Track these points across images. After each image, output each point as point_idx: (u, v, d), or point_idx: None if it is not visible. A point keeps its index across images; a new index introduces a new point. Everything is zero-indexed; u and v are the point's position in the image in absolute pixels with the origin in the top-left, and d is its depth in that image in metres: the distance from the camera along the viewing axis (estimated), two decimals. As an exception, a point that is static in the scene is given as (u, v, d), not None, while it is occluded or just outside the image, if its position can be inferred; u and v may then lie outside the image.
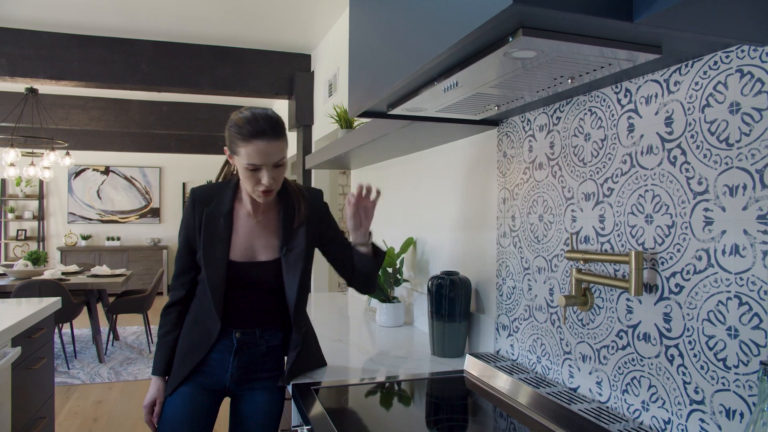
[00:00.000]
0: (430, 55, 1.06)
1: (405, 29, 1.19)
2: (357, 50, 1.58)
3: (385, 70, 1.33)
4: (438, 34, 1.02)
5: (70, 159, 6.12)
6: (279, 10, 3.99)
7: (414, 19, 1.14)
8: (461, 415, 1.51)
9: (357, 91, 1.59)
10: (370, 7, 1.45)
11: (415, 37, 1.13)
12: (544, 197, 1.57)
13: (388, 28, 1.30)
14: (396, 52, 1.25)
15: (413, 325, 2.51)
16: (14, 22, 4.25)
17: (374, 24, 1.42)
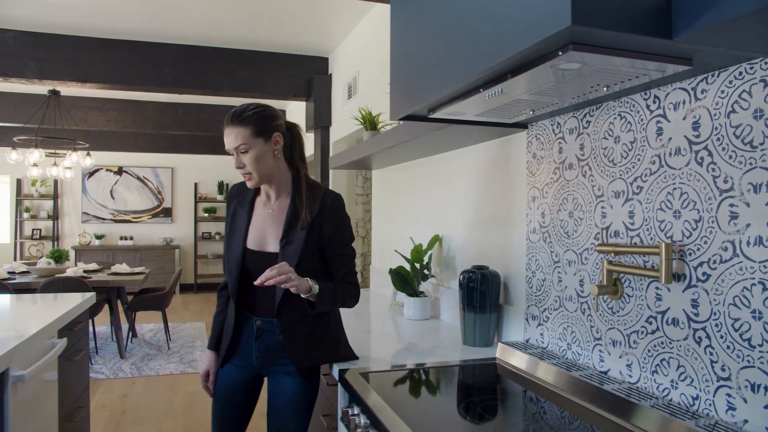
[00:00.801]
0: (483, 67, 1.18)
1: (455, 42, 1.31)
2: (399, 59, 1.70)
3: (431, 78, 1.45)
4: (492, 48, 1.14)
5: (90, 159, 6.26)
6: (298, 14, 4.12)
7: (466, 32, 1.26)
8: (498, 396, 1.63)
9: (399, 96, 1.71)
10: (414, 20, 1.57)
11: (467, 49, 1.25)
12: (574, 195, 1.69)
13: (436, 40, 1.42)
14: (444, 62, 1.37)
15: (439, 318, 2.63)
16: (42, 26, 4.39)
17: (419, 35, 1.54)
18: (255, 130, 1.74)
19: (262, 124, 1.76)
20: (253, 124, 1.75)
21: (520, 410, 1.53)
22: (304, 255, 1.76)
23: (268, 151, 1.77)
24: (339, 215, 1.84)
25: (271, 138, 1.78)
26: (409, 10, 1.62)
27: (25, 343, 2.05)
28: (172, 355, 5.78)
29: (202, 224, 10.73)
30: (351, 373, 1.72)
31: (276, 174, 1.83)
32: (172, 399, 4.38)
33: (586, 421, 1.37)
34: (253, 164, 1.75)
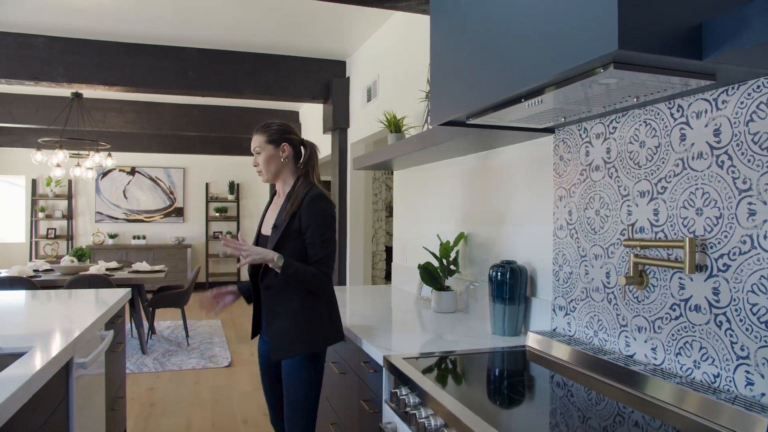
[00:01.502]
0: (530, 83, 1.33)
1: (501, 57, 1.46)
2: (440, 69, 1.85)
3: (474, 89, 1.61)
4: (539, 65, 1.29)
5: (111, 160, 6.42)
6: (318, 21, 4.27)
7: (512, 49, 1.41)
8: (531, 379, 1.78)
9: (439, 103, 1.86)
10: (456, 34, 1.72)
11: (513, 64, 1.40)
12: (600, 195, 1.84)
13: (480, 54, 1.57)
14: (489, 74, 1.52)
15: (465, 311, 2.78)
16: (71, 32, 4.55)
17: (461, 48, 1.69)
18: (268, 139, 2.26)
19: (274, 134, 2.27)
20: (268, 134, 2.26)
21: (552, 390, 1.68)
22: (283, 238, 2.15)
23: (276, 156, 2.26)
24: (315, 210, 2.17)
25: (279, 146, 2.26)
26: (451, 25, 1.77)
27: (84, 333, 2.21)
28: (192, 351, 5.94)
29: (213, 224, 10.90)
30: (395, 359, 1.87)
31: (282, 175, 2.30)
32: (198, 392, 4.53)
33: (613, 399, 1.52)
34: (263, 164, 2.26)
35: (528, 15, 1.35)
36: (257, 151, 2.26)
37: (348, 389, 2.49)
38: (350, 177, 5.18)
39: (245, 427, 3.79)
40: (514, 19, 1.42)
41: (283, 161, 2.27)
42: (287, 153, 2.27)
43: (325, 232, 2.18)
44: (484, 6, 1.56)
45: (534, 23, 1.33)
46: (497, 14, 1.49)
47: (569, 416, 1.44)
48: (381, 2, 2.79)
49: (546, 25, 1.28)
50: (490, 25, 1.53)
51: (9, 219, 10.05)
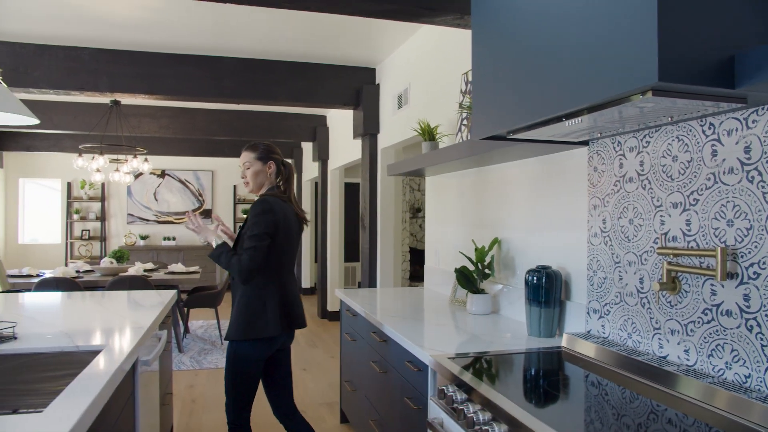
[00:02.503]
0: (573, 106, 1.45)
1: (545, 80, 1.58)
2: (482, 86, 1.98)
3: (518, 108, 1.73)
4: (583, 91, 1.41)
5: (148, 164, 6.63)
6: (349, 30, 4.42)
7: (556, 74, 1.53)
8: (569, 377, 1.90)
9: (481, 119, 1.99)
10: (501, 56, 1.84)
11: (557, 88, 1.52)
12: (634, 205, 1.95)
13: (524, 77, 1.70)
14: (533, 96, 1.64)
15: (499, 314, 2.90)
16: (115, 43, 4.75)
17: (505, 70, 1.81)
18: (257, 156, 2.72)
19: (263, 153, 2.73)
20: (257, 152, 2.73)
21: (586, 389, 1.80)
22: (239, 236, 2.66)
23: (263, 171, 2.73)
24: (251, 212, 2.59)
25: (266, 163, 2.73)
26: (493, 46, 1.90)
27: (146, 333, 2.37)
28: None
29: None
30: (441, 358, 2.00)
31: (263, 187, 2.75)
32: (235, 389, 4.70)
33: (647, 397, 1.63)
34: (251, 177, 2.73)
35: (572, 42, 1.47)
36: (246, 165, 2.72)
37: (389, 387, 2.62)
38: (380, 181, 5.31)
39: (284, 423, 3.94)
40: (558, 45, 1.54)
41: (268, 176, 2.74)
42: (272, 170, 2.75)
43: (254, 228, 2.55)
44: (528, 33, 1.68)
45: (578, 50, 1.45)
46: (541, 40, 1.61)
47: (604, 412, 1.56)
48: (418, 17, 2.92)
49: (589, 53, 1.40)
50: (534, 50, 1.65)
51: (46, 221, 10.37)
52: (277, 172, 2.77)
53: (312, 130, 8.01)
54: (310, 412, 4.16)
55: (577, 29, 1.46)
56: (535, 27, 1.65)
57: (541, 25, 1.62)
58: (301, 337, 6.79)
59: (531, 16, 1.67)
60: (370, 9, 2.79)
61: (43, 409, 1.40)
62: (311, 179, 9.85)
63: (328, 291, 7.95)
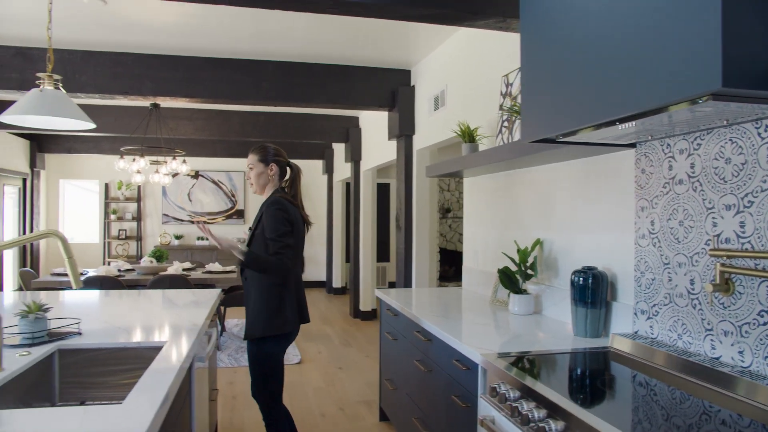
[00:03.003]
0: (631, 111, 1.48)
1: (601, 85, 1.61)
2: (531, 90, 2.01)
3: (571, 112, 1.76)
4: (641, 95, 1.44)
5: (186, 166, 6.78)
6: (386, 32, 4.47)
7: (614, 79, 1.56)
8: (619, 377, 1.92)
9: (531, 122, 2.02)
10: (553, 59, 1.88)
11: (614, 93, 1.55)
12: (684, 207, 1.97)
13: (577, 80, 1.73)
14: (587, 100, 1.67)
15: (542, 314, 2.92)
16: (158, 48, 4.88)
17: (556, 73, 1.85)
18: (260, 158, 2.87)
19: (265, 155, 2.87)
20: (261, 155, 2.87)
21: (638, 388, 1.82)
22: (253, 237, 2.79)
23: (264, 173, 2.87)
24: (268, 214, 2.72)
25: (268, 165, 2.87)
26: (544, 50, 1.93)
27: (201, 330, 2.45)
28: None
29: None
30: (491, 357, 2.04)
31: (267, 189, 2.89)
32: (274, 386, 4.79)
33: (699, 397, 1.65)
34: (254, 178, 2.88)
35: (629, 47, 1.50)
36: (250, 167, 2.88)
37: (434, 385, 2.67)
38: (416, 182, 5.36)
39: (324, 420, 4.02)
40: (614, 49, 1.57)
41: (270, 178, 2.88)
42: (274, 171, 2.88)
43: (277, 229, 2.69)
44: (582, 37, 1.71)
45: (636, 55, 1.48)
46: (596, 44, 1.64)
47: (658, 411, 1.58)
48: (461, 21, 2.96)
49: (648, 57, 1.43)
50: (588, 54, 1.68)
51: (85, 221, 10.64)
52: (281, 174, 2.92)
53: (344, 131, 8.09)
54: (349, 410, 4.22)
55: (635, 33, 1.48)
56: (589, 31, 1.68)
57: (596, 29, 1.64)
58: (334, 336, 6.87)
59: (585, 20, 1.70)
60: (413, 14, 2.84)
61: (121, 402, 1.48)
62: (342, 180, 9.94)
63: (361, 291, 8.02)
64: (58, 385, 2.12)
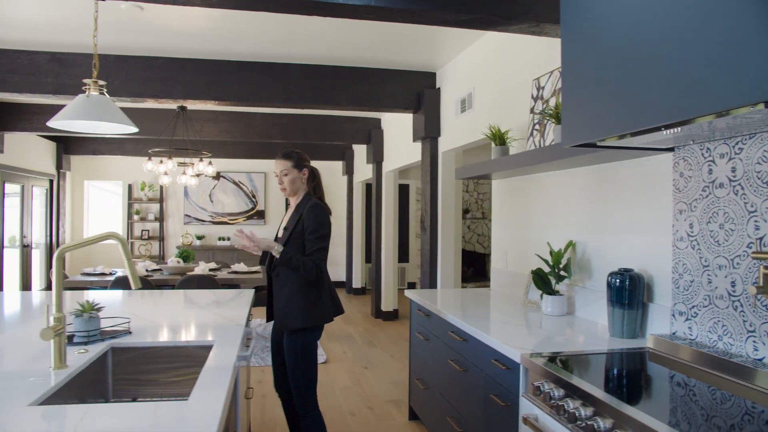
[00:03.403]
0: (678, 117, 1.52)
1: (648, 91, 1.65)
2: (573, 96, 2.05)
3: (616, 116, 1.80)
4: (691, 103, 1.48)
5: (212, 168, 6.88)
6: (412, 35, 4.52)
7: (661, 85, 1.60)
8: (660, 377, 1.96)
9: (572, 127, 2.06)
10: (594, 65, 1.92)
11: (662, 99, 1.59)
12: (725, 210, 2.00)
13: (623, 86, 1.77)
14: (633, 106, 1.71)
15: (574, 315, 2.96)
16: (187, 53, 4.97)
17: (599, 79, 1.89)
18: (294, 164, 2.96)
19: (298, 161, 2.96)
20: (294, 161, 2.96)
21: (680, 388, 1.85)
22: (291, 236, 2.86)
23: (298, 178, 2.97)
24: (311, 216, 2.84)
25: (301, 170, 2.98)
26: (586, 56, 1.97)
27: (244, 330, 2.52)
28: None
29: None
30: (534, 356, 2.08)
31: (299, 192, 3.00)
32: (302, 385, 4.86)
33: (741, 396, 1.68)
34: (289, 183, 2.97)
35: (679, 54, 1.54)
36: (285, 173, 2.95)
37: (470, 385, 2.71)
38: (441, 183, 5.40)
39: (353, 419, 4.08)
40: (662, 57, 1.61)
41: (303, 182, 2.99)
42: (306, 176, 3.01)
43: (318, 231, 2.83)
44: (628, 44, 1.75)
45: (687, 61, 1.52)
46: (643, 51, 1.68)
47: (694, 411, 1.62)
48: (494, 26, 3.00)
49: (700, 64, 1.47)
50: (638, 59, 1.72)
51: (108, 221, 10.80)
52: (307, 178, 3.05)
53: (366, 132, 8.15)
54: (378, 410, 4.28)
55: (686, 40, 1.52)
56: (638, 36, 1.72)
57: (647, 34, 1.68)
58: (357, 337, 6.94)
59: (634, 25, 1.73)
60: (450, 19, 2.89)
61: (187, 399, 1.54)
62: (362, 181, 10.00)
63: (383, 291, 8.08)
64: (111, 382, 2.20)
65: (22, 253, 8.52)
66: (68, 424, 1.35)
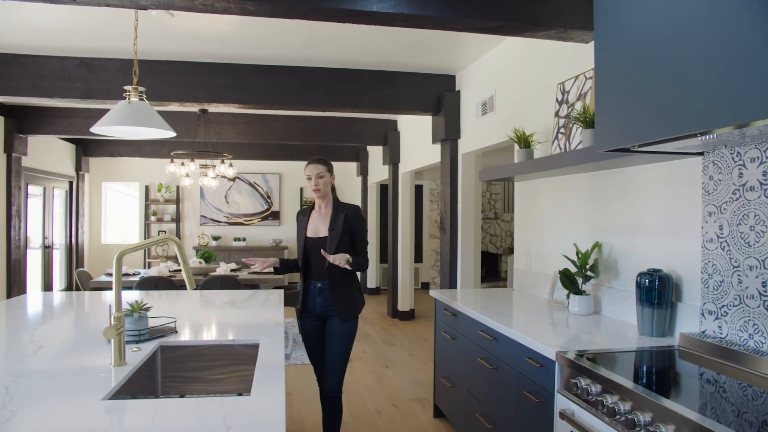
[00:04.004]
0: (718, 125, 1.59)
1: (688, 100, 1.72)
2: (606, 103, 2.12)
3: (652, 123, 1.87)
4: (732, 111, 1.55)
5: (233, 169, 6.98)
6: (433, 40, 4.58)
7: (701, 95, 1.67)
8: (693, 374, 2.02)
9: (605, 133, 2.13)
10: (629, 73, 1.99)
11: (702, 107, 1.66)
12: (755, 213, 2.06)
13: (662, 95, 1.84)
14: (673, 113, 1.78)
15: (601, 314, 3.03)
16: (211, 57, 5.06)
17: (636, 86, 1.96)
18: (328, 168, 3.22)
19: (330, 166, 3.24)
20: (327, 166, 3.21)
21: (710, 385, 1.92)
22: (341, 238, 3.12)
23: (329, 182, 3.22)
24: (360, 218, 3.23)
25: (332, 174, 3.25)
26: (622, 64, 2.04)
27: (284, 329, 2.61)
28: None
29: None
30: (570, 354, 2.15)
31: (328, 195, 3.23)
32: (325, 384, 4.95)
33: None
34: (324, 186, 3.18)
35: (718, 62, 1.61)
36: (320, 176, 3.17)
37: (501, 382, 2.79)
38: (461, 185, 5.47)
39: (380, 416, 4.16)
40: (701, 63, 1.68)
41: (332, 185, 3.28)
42: (334, 180, 3.28)
43: (366, 233, 3.26)
44: (668, 48, 1.82)
45: (728, 69, 1.58)
46: (688, 57, 1.75)
47: (724, 406, 1.68)
48: (522, 32, 3.08)
49: (741, 71, 1.54)
50: (679, 66, 1.79)
51: (126, 222, 10.95)
52: None
53: (383, 134, 8.23)
54: (402, 407, 4.36)
55: (725, 46, 1.59)
56: (672, 44, 1.79)
57: (681, 42, 1.75)
58: (376, 336, 7.02)
59: (673, 32, 1.80)
60: (478, 26, 2.97)
61: (249, 394, 1.63)
62: (377, 182, 10.08)
63: (399, 291, 8.16)
64: (161, 378, 2.29)
65: (43, 253, 8.66)
66: (145, 417, 1.44)
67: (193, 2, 2.62)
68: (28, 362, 1.94)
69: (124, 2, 2.61)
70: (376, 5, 2.75)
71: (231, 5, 2.66)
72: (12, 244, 7.07)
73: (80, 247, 10.00)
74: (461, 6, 2.85)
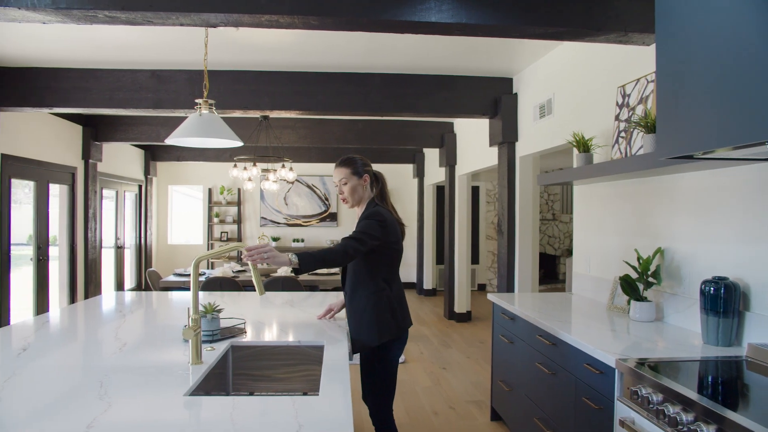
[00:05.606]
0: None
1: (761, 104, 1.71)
2: (669, 109, 2.11)
3: (720, 130, 1.86)
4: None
5: (293, 173, 7.18)
6: (489, 44, 4.60)
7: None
8: (759, 385, 1.99)
9: (668, 139, 2.12)
10: (694, 79, 1.98)
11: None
12: (827, 220, 2.01)
13: (732, 101, 1.82)
14: (742, 120, 1.77)
15: (663, 321, 2.99)
16: (274, 66, 5.23)
17: (701, 92, 1.94)
18: (353, 171, 2.70)
19: (358, 167, 2.70)
20: (353, 167, 2.70)
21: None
22: None
23: (360, 185, 2.71)
24: (367, 216, 2.62)
25: (362, 177, 2.71)
26: (687, 68, 2.03)
27: (347, 332, 2.70)
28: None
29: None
30: (630, 362, 2.15)
31: (363, 200, 2.74)
32: (384, 384, 5.04)
33: None
34: (349, 193, 2.71)
35: (780, 76, 1.59)
36: (344, 182, 2.70)
37: (560, 388, 2.80)
38: (518, 188, 5.46)
39: (437, 418, 4.21)
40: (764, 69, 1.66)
41: (365, 189, 2.73)
42: (368, 182, 2.74)
43: (367, 225, 2.58)
44: (736, 53, 1.81)
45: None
46: (751, 65, 1.74)
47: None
48: (582, 37, 3.07)
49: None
50: (751, 71, 1.77)
51: (191, 224, 11.39)
52: (371, 184, 2.76)
53: (439, 136, 8.27)
54: (460, 409, 4.40)
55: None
56: (736, 50, 1.77)
57: (744, 47, 1.74)
58: (433, 338, 7.07)
59: (741, 36, 1.79)
60: (537, 32, 2.98)
61: (317, 394, 1.72)
62: (433, 183, 10.12)
63: (456, 293, 8.17)
64: (231, 376, 2.42)
65: (116, 254, 9.11)
66: (224, 413, 1.55)
67: (260, 19, 2.75)
68: (115, 358, 2.10)
69: (195, 21, 2.77)
70: (434, 16, 2.81)
71: (295, 20, 2.78)
72: (89, 244, 7.50)
73: (149, 247, 10.46)
74: (519, 14, 2.87)
